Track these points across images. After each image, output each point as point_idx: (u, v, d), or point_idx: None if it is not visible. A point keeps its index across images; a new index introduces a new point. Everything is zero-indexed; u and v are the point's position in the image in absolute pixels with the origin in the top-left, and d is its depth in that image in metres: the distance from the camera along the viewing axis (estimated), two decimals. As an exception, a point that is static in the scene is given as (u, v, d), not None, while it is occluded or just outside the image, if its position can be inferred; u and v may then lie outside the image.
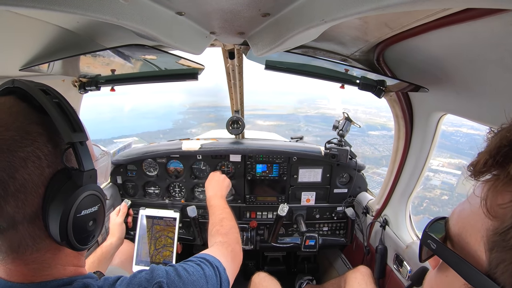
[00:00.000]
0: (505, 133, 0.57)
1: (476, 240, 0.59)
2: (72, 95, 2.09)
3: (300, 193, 2.96)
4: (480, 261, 0.58)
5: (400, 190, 2.31)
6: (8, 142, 0.71)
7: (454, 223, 0.68)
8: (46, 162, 0.77)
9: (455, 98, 1.51)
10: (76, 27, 1.39)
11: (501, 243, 0.53)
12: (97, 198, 0.88)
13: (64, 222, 0.77)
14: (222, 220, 1.76)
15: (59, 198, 0.77)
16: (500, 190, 0.56)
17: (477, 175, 0.62)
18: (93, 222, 0.87)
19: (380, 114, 35.65)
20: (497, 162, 0.57)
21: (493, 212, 0.56)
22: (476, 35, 1.03)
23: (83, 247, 0.85)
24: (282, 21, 1.14)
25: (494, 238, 0.55)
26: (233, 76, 2.22)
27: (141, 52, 1.50)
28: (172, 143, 2.90)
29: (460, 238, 0.65)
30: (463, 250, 0.63)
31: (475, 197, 0.62)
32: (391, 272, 2.33)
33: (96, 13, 0.88)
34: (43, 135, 0.78)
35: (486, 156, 0.59)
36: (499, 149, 0.57)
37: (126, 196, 2.97)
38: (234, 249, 1.50)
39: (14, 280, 0.79)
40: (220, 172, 2.54)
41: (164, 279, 0.96)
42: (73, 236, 0.79)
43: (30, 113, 0.79)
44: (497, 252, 0.54)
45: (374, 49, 1.59)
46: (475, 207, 0.60)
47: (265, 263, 3.55)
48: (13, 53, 1.35)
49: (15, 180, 0.71)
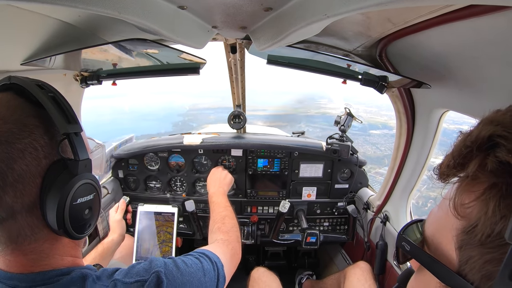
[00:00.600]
0: (467, 135, 0.59)
1: (447, 240, 0.61)
2: (74, 89, 2.09)
3: (301, 188, 2.97)
4: (451, 260, 0.61)
5: (401, 186, 2.31)
6: (6, 134, 0.74)
7: (428, 225, 0.71)
8: (42, 153, 0.79)
9: (457, 94, 1.51)
10: (77, 21, 1.38)
11: (469, 241, 0.56)
12: (92, 187, 0.90)
13: (61, 210, 0.79)
14: (224, 218, 1.78)
15: (56, 187, 0.79)
16: (464, 190, 0.58)
17: (443, 178, 0.64)
18: (89, 211, 0.90)
19: (381, 112, 35.34)
20: (459, 164, 0.59)
21: (460, 212, 0.58)
22: (479, 32, 1.02)
23: (80, 236, 0.88)
24: (284, 16, 1.13)
25: (462, 236, 0.57)
26: (235, 70, 2.21)
27: (142, 46, 1.50)
28: (173, 137, 2.90)
29: (433, 239, 0.67)
30: (437, 250, 0.65)
31: (444, 199, 0.64)
32: (391, 268, 2.34)
33: (98, 7, 0.88)
34: (40, 127, 0.80)
35: (449, 158, 0.62)
36: (460, 151, 0.59)
37: (128, 190, 2.98)
38: (234, 247, 1.52)
39: (13, 271, 0.81)
40: (222, 168, 2.54)
41: (162, 269, 0.97)
42: (69, 224, 0.82)
43: (27, 107, 0.81)
44: (466, 250, 0.57)
45: (376, 45, 1.58)
46: (445, 209, 0.62)
47: (265, 258, 3.58)
48: (14, 47, 1.35)
49: (14, 170, 0.73)
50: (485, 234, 0.52)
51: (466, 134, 0.60)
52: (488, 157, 0.53)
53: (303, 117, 48.71)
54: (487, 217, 0.52)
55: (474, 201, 0.55)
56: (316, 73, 1.90)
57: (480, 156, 0.55)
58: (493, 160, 0.52)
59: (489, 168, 0.53)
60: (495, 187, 0.52)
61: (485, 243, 0.53)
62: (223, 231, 1.64)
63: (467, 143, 0.58)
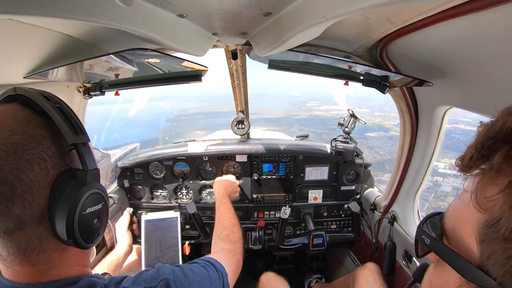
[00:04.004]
0: (490, 126, 0.58)
1: (468, 234, 0.60)
2: (77, 101, 2.10)
3: (307, 192, 2.96)
4: (472, 254, 0.59)
5: (408, 186, 2.30)
6: (14, 145, 0.74)
7: (448, 218, 0.69)
8: (51, 164, 0.79)
9: (459, 91, 1.50)
10: (78, 33, 1.39)
11: (491, 235, 0.54)
12: (101, 196, 0.90)
13: (71, 220, 0.79)
14: (234, 226, 1.79)
15: (65, 198, 0.79)
16: (488, 183, 0.57)
17: (465, 170, 0.63)
18: (97, 220, 0.90)
19: (374, 114, 35.01)
20: (483, 155, 0.58)
21: (482, 205, 0.56)
22: (479, 27, 1.02)
23: (89, 245, 0.88)
24: (284, 20, 1.14)
25: (485, 230, 0.56)
26: (236, 76, 2.22)
27: (144, 55, 1.51)
28: (178, 145, 2.91)
29: (454, 233, 0.66)
30: (457, 244, 0.64)
31: (466, 191, 0.63)
32: (401, 268, 2.32)
33: (98, 18, 0.88)
34: (47, 138, 0.80)
35: (472, 150, 0.60)
36: (484, 142, 0.57)
37: (134, 200, 2.99)
38: (238, 259, 1.53)
39: (22, 281, 0.81)
40: (235, 178, 2.59)
41: (170, 276, 0.98)
42: (79, 234, 0.82)
43: (34, 118, 0.81)
44: (488, 245, 0.55)
45: (377, 45, 1.58)
46: (466, 201, 0.61)
47: (273, 263, 3.56)
48: (16, 61, 1.36)
49: (22, 181, 0.73)
50: (509, 228, 0.51)
51: (489, 125, 0.58)
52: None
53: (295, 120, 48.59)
54: (511, 211, 0.51)
55: (498, 194, 0.53)
56: (317, 75, 1.90)
57: (506, 147, 0.54)
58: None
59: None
60: None
61: (509, 238, 0.51)
62: (231, 241, 1.64)
63: (490, 134, 0.56)
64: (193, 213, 2.62)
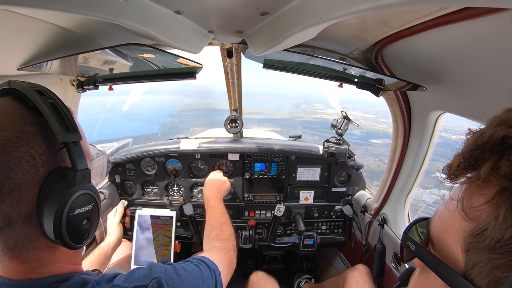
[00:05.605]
0: (478, 135, 0.58)
1: (454, 242, 0.61)
2: (70, 95, 2.09)
3: (299, 192, 2.97)
4: (457, 262, 0.60)
5: (399, 189, 2.31)
6: (3, 142, 0.72)
7: (434, 224, 0.69)
8: (40, 162, 0.78)
9: (453, 96, 1.52)
10: (74, 26, 1.38)
11: (477, 245, 0.55)
12: (91, 197, 0.88)
13: (58, 220, 0.77)
14: (223, 225, 1.76)
15: (53, 197, 0.77)
16: (474, 192, 0.57)
17: (452, 178, 0.63)
18: (87, 221, 0.87)
19: (380, 120, 34.98)
20: (470, 164, 0.58)
21: (468, 214, 0.57)
22: (474, 34, 1.03)
23: (77, 246, 0.86)
24: (280, 20, 1.14)
25: (470, 239, 0.56)
26: (231, 75, 2.22)
27: (139, 51, 1.50)
28: (170, 142, 2.90)
29: (439, 240, 0.66)
30: (442, 251, 0.64)
31: (452, 199, 0.63)
32: (390, 270, 2.33)
33: (94, 12, 0.88)
34: (38, 136, 0.78)
35: (459, 158, 0.60)
36: (471, 152, 0.58)
37: (125, 195, 2.97)
38: (231, 256, 1.52)
39: (12, 277, 0.80)
40: (223, 174, 2.54)
41: (162, 275, 0.96)
42: (67, 235, 0.80)
43: (25, 114, 0.79)
44: (473, 254, 0.56)
45: (372, 48, 1.59)
46: (452, 209, 0.61)
47: (263, 262, 3.56)
48: (11, 52, 1.34)
49: (10, 179, 0.72)
50: (494, 239, 0.51)
51: (477, 133, 0.59)
52: (501, 160, 0.52)
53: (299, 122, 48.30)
54: (497, 222, 0.51)
55: (485, 204, 0.54)
56: (312, 76, 1.91)
57: (493, 158, 0.54)
58: (507, 164, 0.51)
59: (502, 171, 0.52)
60: (507, 191, 0.51)
61: (494, 248, 0.52)
62: (221, 239, 1.63)
63: (478, 143, 0.56)
64: (190, 215, 2.61)
